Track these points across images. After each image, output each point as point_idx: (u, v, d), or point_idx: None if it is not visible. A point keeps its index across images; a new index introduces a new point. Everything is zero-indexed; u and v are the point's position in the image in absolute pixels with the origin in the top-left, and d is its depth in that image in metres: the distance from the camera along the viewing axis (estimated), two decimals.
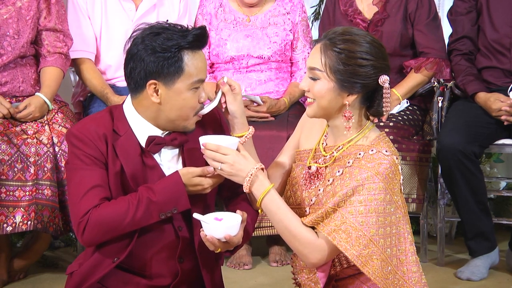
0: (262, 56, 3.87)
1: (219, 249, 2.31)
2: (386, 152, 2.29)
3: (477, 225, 3.56)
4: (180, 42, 2.30)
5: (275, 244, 3.78)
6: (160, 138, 2.37)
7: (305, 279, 2.43)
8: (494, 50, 3.71)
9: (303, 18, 3.96)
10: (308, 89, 2.33)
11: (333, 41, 2.28)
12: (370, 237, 2.22)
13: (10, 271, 3.51)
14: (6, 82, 3.47)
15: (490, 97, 3.57)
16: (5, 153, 3.27)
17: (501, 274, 3.64)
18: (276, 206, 2.31)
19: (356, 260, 2.22)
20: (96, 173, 2.32)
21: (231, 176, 2.32)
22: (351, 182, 2.25)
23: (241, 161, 2.30)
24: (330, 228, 2.24)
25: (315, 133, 2.47)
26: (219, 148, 2.30)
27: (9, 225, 3.24)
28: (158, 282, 2.40)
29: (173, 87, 2.32)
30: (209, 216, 2.30)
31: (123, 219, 2.27)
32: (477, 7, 3.77)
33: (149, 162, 2.37)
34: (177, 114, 2.35)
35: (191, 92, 2.33)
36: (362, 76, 2.27)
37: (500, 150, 3.83)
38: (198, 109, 2.37)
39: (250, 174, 2.29)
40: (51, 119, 3.41)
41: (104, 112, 2.43)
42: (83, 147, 2.34)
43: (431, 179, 3.96)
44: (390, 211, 2.26)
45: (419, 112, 3.81)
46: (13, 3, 3.46)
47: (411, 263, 2.32)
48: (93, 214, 2.27)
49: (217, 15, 3.93)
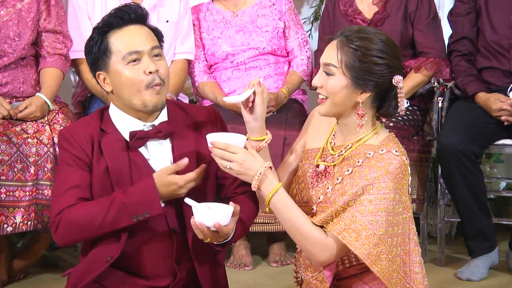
0: (257, 47, 3.89)
1: (208, 239, 2.28)
2: (396, 152, 2.29)
3: (477, 225, 3.56)
4: (98, 26, 2.35)
5: (275, 244, 3.78)
6: (142, 132, 2.36)
7: (310, 277, 2.43)
8: (494, 51, 3.71)
9: (290, 7, 4.01)
10: (321, 85, 2.33)
11: (350, 38, 2.29)
12: (380, 236, 2.23)
13: (10, 271, 3.51)
14: (7, 82, 3.47)
15: (490, 97, 3.57)
16: (5, 153, 3.27)
17: (501, 274, 3.64)
18: (284, 204, 2.30)
19: (365, 259, 2.22)
20: (77, 174, 2.33)
21: (239, 174, 2.30)
22: (360, 181, 2.26)
23: (250, 159, 2.29)
24: (340, 227, 2.24)
25: (323, 132, 2.47)
26: (228, 146, 2.28)
27: (9, 225, 3.24)
28: (156, 282, 2.39)
29: (110, 70, 2.35)
30: (203, 205, 2.28)
31: (94, 220, 2.27)
32: (476, 8, 3.77)
33: (135, 158, 2.37)
34: (129, 93, 2.34)
35: (129, 67, 2.33)
36: (377, 74, 2.28)
37: (500, 150, 3.83)
38: (150, 81, 2.33)
39: (259, 173, 2.28)
40: (52, 119, 3.41)
41: (95, 113, 2.46)
42: (69, 148, 2.36)
43: (431, 179, 3.96)
44: (398, 211, 2.27)
45: (419, 112, 3.81)
46: (13, 5, 3.46)
47: (414, 264, 2.32)
48: (65, 213, 2.28)
49: (206, 18, 3.98)
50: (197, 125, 2.46)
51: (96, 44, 2.34)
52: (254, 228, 3.62)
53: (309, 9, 4.55)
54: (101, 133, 2.38)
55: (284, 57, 4.00)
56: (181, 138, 2.41)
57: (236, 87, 3.91)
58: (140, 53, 2.33)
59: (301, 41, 3.99)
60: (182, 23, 3.87)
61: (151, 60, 2.34)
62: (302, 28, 4.05)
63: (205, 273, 2.41)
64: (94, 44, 2.35)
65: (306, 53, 3.99)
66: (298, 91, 4.04)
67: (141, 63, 2.33)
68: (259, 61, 3.92)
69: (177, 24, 3.84)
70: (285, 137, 3.64)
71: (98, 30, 2.36)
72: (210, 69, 4.00)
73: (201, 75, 3.95)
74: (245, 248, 3.74)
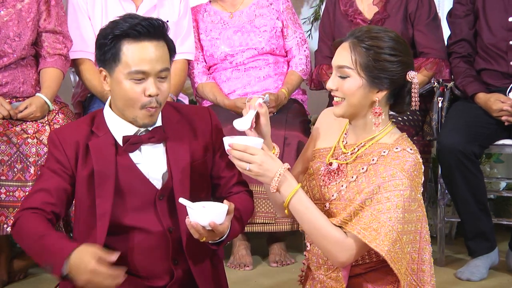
0: (255, 47, 3.89)
1: (203, 238, 2.27)
2: (411, 151, 2.31)
3: (477, 225, 3.56)
4: (114, 31, 2.31)
5: (275, 244, 3.78)
6: (135, 137, 2.36)
7: (323, 276, 2.43)
8: (492, 53, 3.71)
9: (287, 6, 4.01)
10: (336, 88, 2.33)
11: (361, 39, 2.30)
12: (398, 232, 2.24)
13: (10, 272, 3.51)
14: (7, 82, 3.47)
15: (491, 97, 3.57)
16: (5, 153, 3.27)
17: (501, 274, 3.64)
18: (304, 206, 2.29)
19: (386, 256, 2.23)
20: (53, 179, 2.34)
21: (258, 176, 2.28)
22: (376, 179, 2.27)
23: (269, 161, 2.28)
24: (360, 227, 2.25)
25: (334, 132, 2.48)
26: (247, 148, 2.27)
27: (9, 225, 3.24)
28: (154, 283, 2.39)
29: (113, 75, 2.33)
30: (196, 204, 2.28)
31: (29, 238, 2.27)
32: (475, 10, 3.77)
33: (124, 162, 2.36)
34: (122, 104, 2.34)
35: (131, 83, 2.30)
36: (391, 71, 2.30)
37: (500, 151, 3.83)
38: (146, 103, 2.31)
39: (279, 174, 2.27)
40: (52, 120, 3.41)
41: (86, 117, 2.45)
42: (53, 150, 2.37)
43: (431, 180, 3.97)
44: (413, 209, 2.28)
45: (419, 113, 3.81)
46: (13, 5, 3.46)
47: (423, 262, 2.34)
48: (22, 216, 2.30)
49: (204, 19, 3.98)
50: (191, 126, 2.45)
51: (108, 45, 2.32)
52: (254, 228, 3.62)
53: (309, 9, 4.55)
54: (90, 136, 2.37)
55: (283, 56, 4.01)
56: (174, 141, 2.40)
57: (236, 87, 3.91)
58: (146, 73, 2.30)
59: (299, 40, 3.99)
60: (182, 23, 3.87)
61: (155, 83, 2.31)
62: (300, 27, 4.05)
63: (201, 273, 2.41)
64: (106, 43, 2.32)
65: (305, 52, 3.99)
66: (298, 91, 4.04)
67: (144, 83, 2.30)
68: (258, 61, 3.92)
69: (177, 24, 3.84)
70: (285, 137, 3.65)
71: (113, 34, 2.31)
72: (209, 70, 4.00)
73: (200, 76, 3.95)
74: (245, 248, 3.74)
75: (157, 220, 2.37)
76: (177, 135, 2.41)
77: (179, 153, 2.39)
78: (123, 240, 2.36)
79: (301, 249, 3.74)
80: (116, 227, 2.35)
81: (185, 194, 2.34)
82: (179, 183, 2.37)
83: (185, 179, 2.38)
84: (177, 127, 2.43)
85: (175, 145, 2.39)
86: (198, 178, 2.41)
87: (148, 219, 2.36)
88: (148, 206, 2.38)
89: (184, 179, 2.38)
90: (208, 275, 2.44)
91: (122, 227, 2.36)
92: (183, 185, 2.37)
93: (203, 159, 2.43)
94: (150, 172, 2.38)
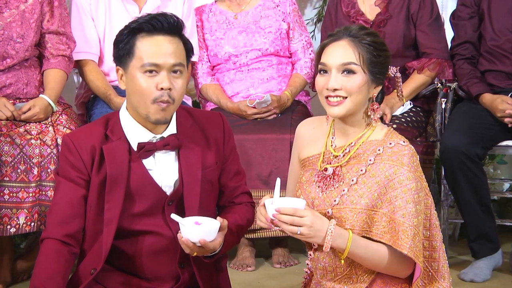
0: (259, 48, 3.89)
1: (195, 253, 2.28)
2: (404, 143, 2.33)
3: (480, 226, 3.56)
4: (130, 25, 2.32)
5: (278, 246, 3.78)
6: (150, 145, 2.35)
7: (331, 283, 2.40)
8: (497, 54, 3.71)
9: (294, 9, 4.01)
10: (340, 87, 2.32)
11: (358, 36, 2.33)
12: (414, 226, 2.24)
13: (14, 273, 3.51)
14: (10, 84, 3.47)
15: (497, 98, 3.56)
16: (8, 154, 3.27)
17: (505, 275, 3.63)
18: (363, 248, 2.28)
19: (409, 253, 2.23)
20: (72, 190, 2.33)
21: (309, 238, 2.24)
22: (379, 180, 2.28)
23: (318, 221, 2.24)
24: (380, 231, 2.26)
25: (318, 138, 2.47)
26: (295, 211, 2.23)
27: (12, 226, 3.24)
28: (159, 285, 2.40)
29: (128, 71, 2.33)
30: (190, 220, 2.27)
31: (40, 272, 2.27)
32: (479, 12, 3.77)
33: (136, 168, 2.35)
34: (136, 100, 2.33)
35: (144, 77, 2.30)
36: (387, 66, 2.37)
37: (504, 152, 3.82)
38: (157, 96, 2.30)
39: (331, 231, 2.24)
40: (55, 121, 3.42)
41: (101, 118, 2.44)
42: (68, 155, 2.35)
43: (435, 181, 3.96)
44: (421, 199, 2.30)
45: (422, 114, 3.81)
46: (17, 6, 3.47)
47: (434, 249, 2.36)
48: (43, 246, 2.31)
49: (209, 19, 3.98)
50: (203, 132, 2.45)
51: (124, 41, 2.32)
52: (255, 235, 3.63)
53: (312, 10, 4.56)
54: (105, 139, 2.36)
55: (287, 58, 4.00)
56: (187, 148, 2.40)
57: (239, 89, 3.91)
58: (159, 66, 2.29)
59: (305, 43, 3.99)
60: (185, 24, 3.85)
61: (168, 77, 2.30)
62: (306, 31, 4.05)
63: (205, 278, 2.41)
64: (122, 40, 2.33)
65: (310, 56, 3.99)
66: (302, 92, 4.04)
67: (157, 77, 2.30)
68: (262, 62, 3.92)
69: None
70: (291, 140, 3.64)
71: (129, 29, 2.33)
72: (213, 70, 4.00)
73: (204, 77, 3.95)
74: (249, 251, 3.74)
75: (165, 224, 2.37)
76: (190, 141, 2.40)
77: (191, 160, 2.38)
78: (131, 243, 2.37)
79: (304, 250, 3.73)
80: (124, 231, 2.35)
81: (194, 201, 2.35)
82: (189, 190, 2.37)
83: (196, 186, 2.38)
84: (190, 133, 2.42)
85: (187, 152, 2.39)
86: (208, 185, 2.42)
87: (156, 223, 2.36)
88: (157, 211, 2.38)
89: (195, 187, 2.37)
90: (212, 280, 2.45)
91: (130, 231, 2.36)
92: (194, 193, 2.37)
93: (214, 167, 2.43)
94: (162, 179, 2.38)
